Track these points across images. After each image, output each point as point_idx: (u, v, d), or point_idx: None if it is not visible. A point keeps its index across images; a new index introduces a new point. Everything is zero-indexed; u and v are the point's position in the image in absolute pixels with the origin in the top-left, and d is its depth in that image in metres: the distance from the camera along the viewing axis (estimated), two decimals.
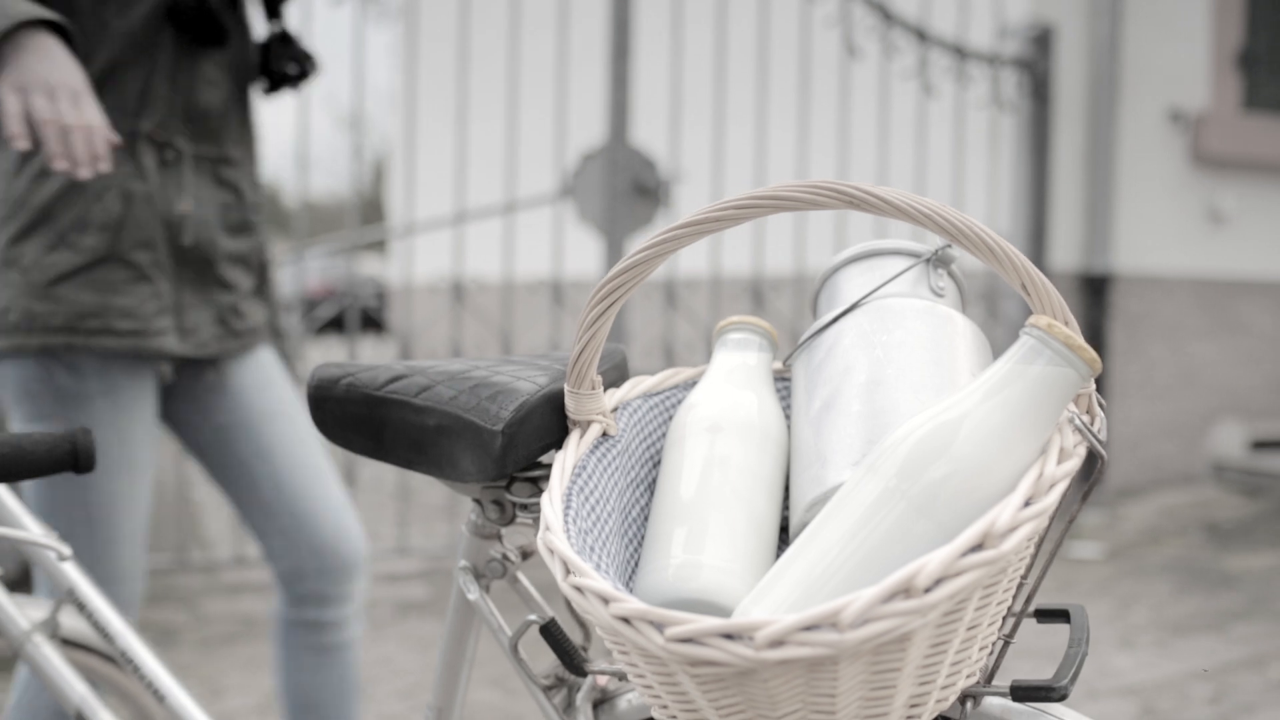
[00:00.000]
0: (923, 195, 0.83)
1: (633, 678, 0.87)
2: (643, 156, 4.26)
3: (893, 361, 1.00)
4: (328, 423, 1.09)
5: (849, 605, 0.73)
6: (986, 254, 0.87)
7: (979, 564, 0.75)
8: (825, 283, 1.16)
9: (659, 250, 0.91)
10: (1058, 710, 0.96)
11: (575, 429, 0.98)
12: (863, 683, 0.79)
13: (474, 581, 1.12)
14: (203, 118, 1.76)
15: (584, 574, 0.80)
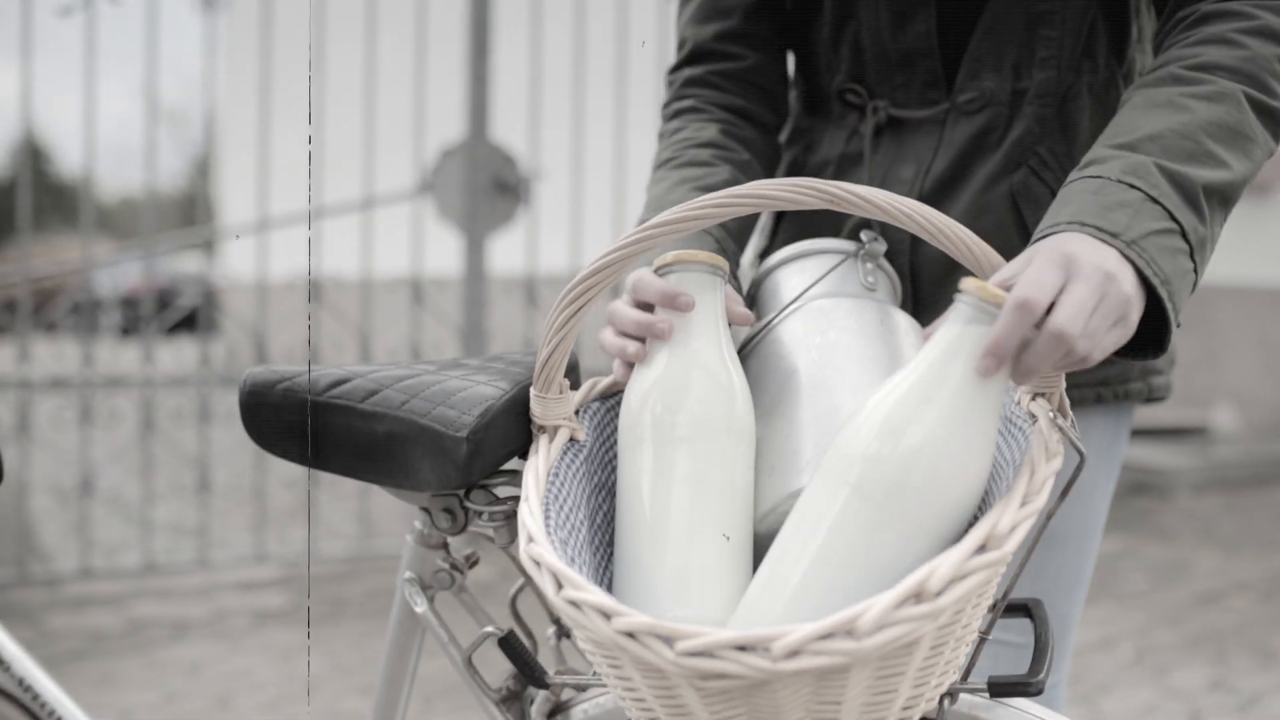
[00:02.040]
0: None
1: (620, 691, 0.84)
2: (503, 153, 4.21)
3: (829, 363, 0.99)
4: (262, 430, 1.04)
5: (865, 612, 0.72)
6: (965, 254, 0.87)
7: (986, 565, 0.75)
8: (759, 287, 1.15)
9: (631, 250, 0.89)
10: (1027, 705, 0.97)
11: (543, 435, 0.95)
12: (867, 688, 0.78)
13: (421, 593, 1.07)
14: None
15: (580, 587, 0.77)
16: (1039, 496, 0.80)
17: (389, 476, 0.99)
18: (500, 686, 1.07)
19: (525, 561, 0.82)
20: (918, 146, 1.24)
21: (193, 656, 3.38)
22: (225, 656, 3.38)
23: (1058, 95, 1.21)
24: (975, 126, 1.21)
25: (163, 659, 3.36)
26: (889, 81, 1.26)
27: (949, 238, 0.86)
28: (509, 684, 1.07)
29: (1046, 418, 0.87)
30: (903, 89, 1.25)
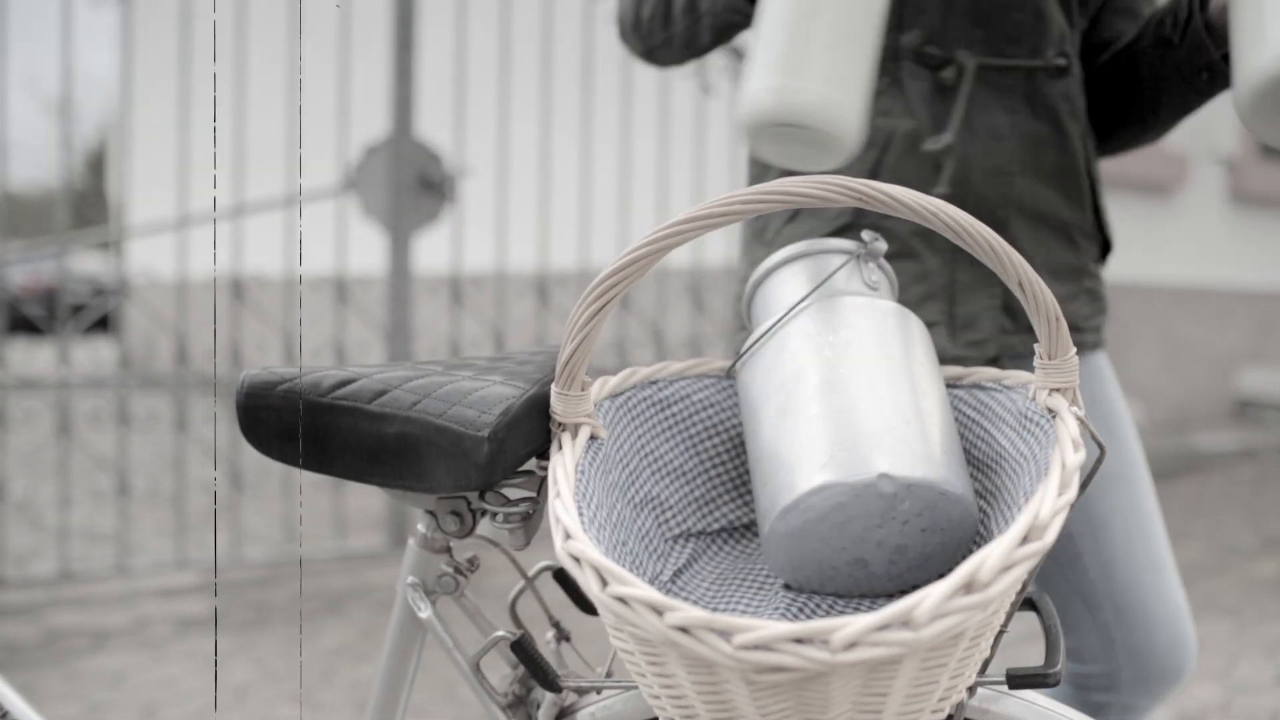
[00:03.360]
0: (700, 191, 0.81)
1: (656, 690, 0.84)
2: (428, 150, 4.17)
3: (844, 361, 1.00)
4: (261, 434, 1.01)
5: (921, 603, 0.72)
6: (987, 253, 0.88)
7: (1031, 555, 0.76)
8: (758, 288, 1.15)
9: (657, 248, 0.89)
10: (1034, 696, 0.99)
11: (565, 432, 0.94)
12: (912, 680, 0.78)
13: (425, 598, 1.05)
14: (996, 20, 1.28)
15: (628, 582, 0.76)
16: (1071, 487, 0.82)
17: (398, 479, 0.97)
18: (505, 691, 1.06)
19: (564, 559, 0.81)
20: (1007, 101, 1.25)
21: (115, 667, 3.29)
22: (149, 666, 3.30)
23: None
24: (1062, 88, 1.25)
25: (83, 670, 3.27)
26: (969, 36, 1.26)
27: (974, 238, 0.87)
28: (514, 688, 1.06)
29: (1069, 412, 0.89)
30: (981, 44, 1.25)
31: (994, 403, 1.03)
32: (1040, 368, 0.93)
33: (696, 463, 1.12)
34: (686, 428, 1.12)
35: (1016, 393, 1.00)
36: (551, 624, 1.11)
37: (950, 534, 0.96)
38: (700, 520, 1.11)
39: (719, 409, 1.14)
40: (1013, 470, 0.96)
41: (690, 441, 1.12)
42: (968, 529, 0.96)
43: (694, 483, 1.12)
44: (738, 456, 1.14)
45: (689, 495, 1.11)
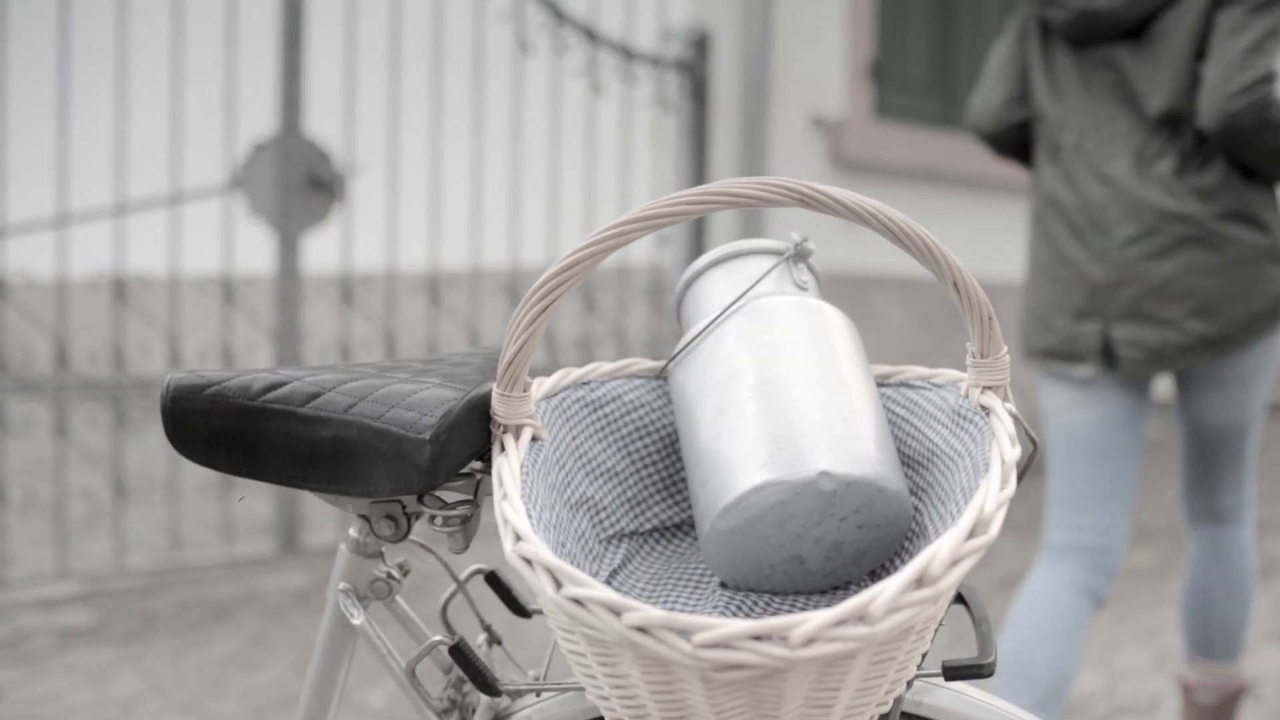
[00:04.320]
0: (592, 191, 0.84)
1: (606, 690, 0.84)
2: (317, 148, 4.10)
3: (779, 360, 1.01)
4: (188, 439, 0.99)
5: (876, 598, 0.74)
6: (924, 253, 0.90)
7: (977, 549, 0.78)
8: (689, 288, 1.16)
9: (601, 248, 0.89)
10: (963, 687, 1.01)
11: (507, 434, 0.93)
12: (863, 674, 0.80)
13: (358, 604, 1.04)
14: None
15: (583, 583, 0.76)
16: (1010, 482, 0.84)
17: (333, 484, 0.95)
18: (440, 696, 1.05)
19: (514, 561, 0.80)
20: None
21: None
22: (29, 680, 3.19)
23: None
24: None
25: None
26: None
27: (911, 239, 0.89)
28: (449, 693, 1.05)
29: (1003, 409, 0.91)
30: None
31: (924, 400, 1.05)
32: (973, 366, 0.96)
33: (629, 463, 1.12)
34: (619, 428, 1.12)
35: (947, 390, 1.02)
36: (483, 628, 1.10)
37: (885, 530, 0.98)
38: (633, 521, 1.12)
39: (650, 409, 1.14)
40: (946, 466, 0.98)
41: (622, 442, 1.12)
42: (902, 525, 0.98)
43: (626, 483, 1.12)
44: (669, 456, 1.15)
45: (622, 496, 1.11)
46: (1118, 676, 3.04)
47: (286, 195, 4.04)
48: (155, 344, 4.53)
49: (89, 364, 4.91)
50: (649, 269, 5.05)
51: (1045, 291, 2.25)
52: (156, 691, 3.08)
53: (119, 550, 4.03)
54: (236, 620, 3.61)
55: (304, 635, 3.43)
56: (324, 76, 4.77)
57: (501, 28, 4.81)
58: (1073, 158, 2.20)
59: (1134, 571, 4.08)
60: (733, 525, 0.96)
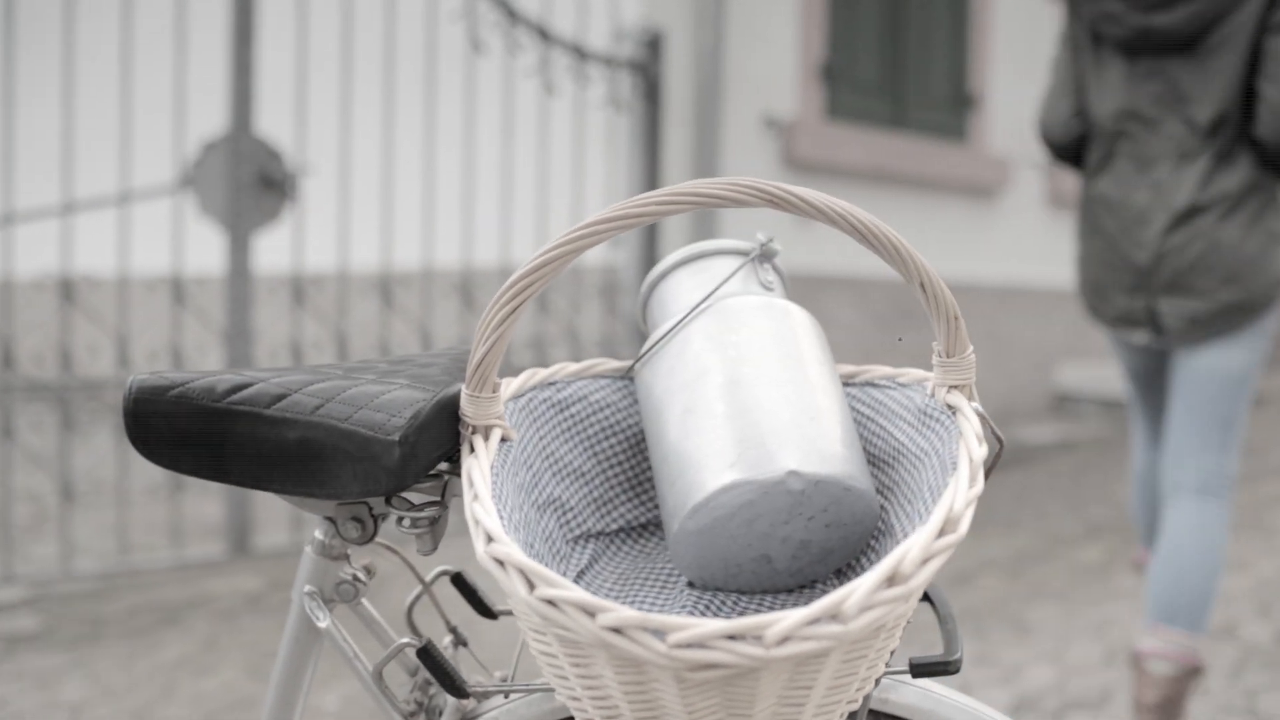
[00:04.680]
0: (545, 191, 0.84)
1: (579, 692, 0.84)
2: (268, 147, 4.07)
3: (746, 360, 1.02)
4: (151, 441, 0.98)
5: (849, 597, 0.74)
6: (891, 254, 0.90)
7: (947, 547, 0.79)
8: (654, 288, 1.16)
9: (570, 249, 0.89)
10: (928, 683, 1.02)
11: (476, 435, 0.93)
12: (835, 672, 0.80)
13: (323, 607, 1.03)
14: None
15: (557, 584, 0.76)
16: (978, 480, 0.85)
17: (300, 486, 0.95)
18: (407, 699, 1.04)
19: (486, 563, 0.80)
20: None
21: None
22: None
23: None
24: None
25: None
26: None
27: (879, 239, 0.89)
28: (415, 696, 1.05)
29: (970, 408, 0.92)
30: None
31: (889, 400, 1.06)
32: (939, 365, 0.97)
33: (595, 463, 1.12)
34: (585, 428, 1.12)
35: (913, 390, 1.03)
36: (448, 629, 1.10)
37: (852, 529, 0.99)
38: (599, 521, 1.12)
39: (615, 409, 1.14)
40: (912, 465, 0.98)
41: (589, 442, 1.12)
42: (869, 524, 0.99)
43: (592, 483, 1.12)
44: (634, 456, 1.15)
45: (588, 496, 1.11)
46: (1069, 671, 3.08)
47: (237, 194, 4.00)
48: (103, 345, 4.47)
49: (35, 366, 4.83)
50: (602, 269, 5.05)
51: (1101, 272, 2.64)
52: (106, 697, 3.04)
53: (66, 554, 3.97)
54: (187, 624, 3.57)
55: (256, 639, 3.40)
56: (275, 74, 4.73)
57: (454, 27, 4.80)
58: (1124, 163, 2.58)
59: (1083, 567, 4.14)
60: (701, 525, 0.96)
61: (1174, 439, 2.56)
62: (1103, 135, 2.61)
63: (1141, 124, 2.54)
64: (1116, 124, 2.57)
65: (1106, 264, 2.62)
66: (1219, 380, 2.52)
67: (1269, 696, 2.87)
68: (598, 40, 5.11)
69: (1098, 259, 2.65)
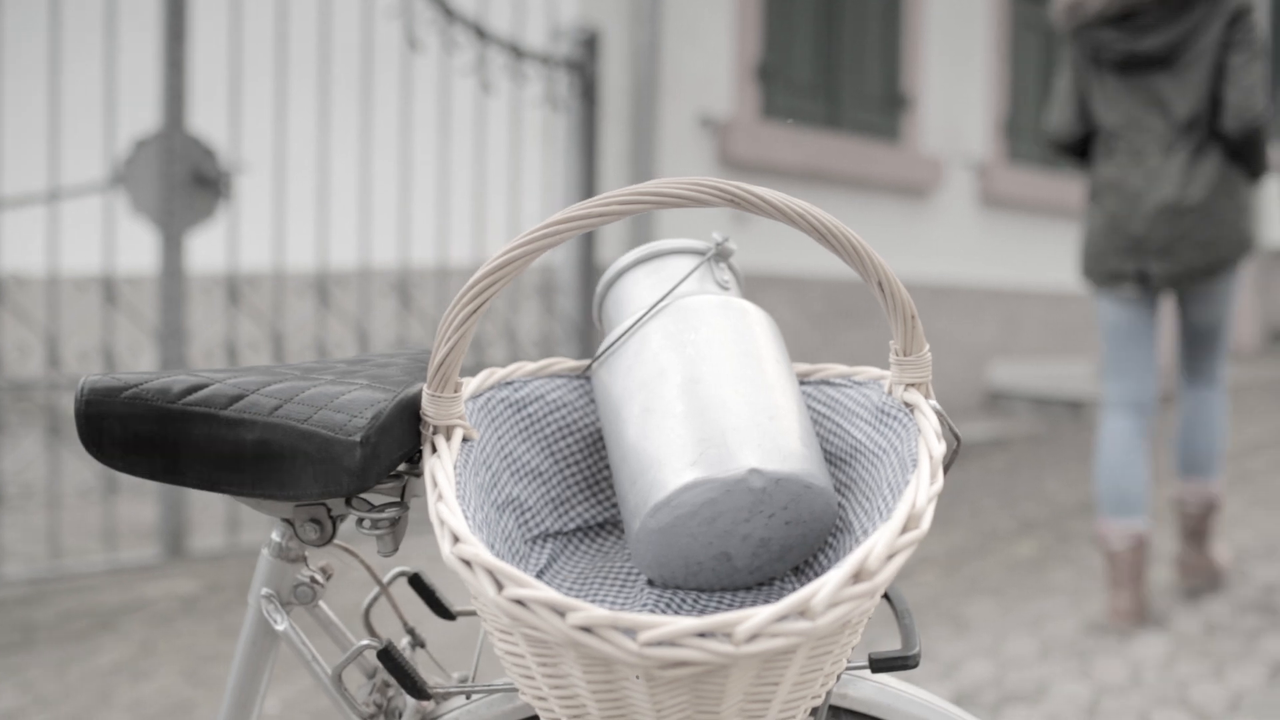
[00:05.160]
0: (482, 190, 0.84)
1: (545, 691, 0.84)
2: (202, 145, 4.01)
3: (705, 358, 1.02)
4: (104, 443, 0.96)
5: (817, 593, 0.75)
6: (850, 253, 0.91)
7: (911, 543, 0.80)
8: (610, 288, 1.16)
9: (532, 248, 0.89)
10: (886, 678, 1.03)
11: (438, 435, 0.93)
12: (801, 668, 0.81)
13: (281, 610, 1.02)
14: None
15: (525, 584, 0.76)
16: (939, 477, 0.86)
17: (258, 487, 0.94)
18: (366, 701, 1.04)
19: (453, 563, 0.80)
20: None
21: None
22: None
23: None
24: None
25: None
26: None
27: (838, 239, 0.90)
28: (374, 698, 1.04)
29: (928, 406, 0.93)
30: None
31: (845, 398, 1.07)
32: (896, 364, 0.98)
33: (552, 463, 1.12)
34: (542, 428, 1.12)
35: (869, 388, 1.04)
36: (406, 631, 1.09)
37: (811, 526, 1.00)
38: (557, 521, 1.12)
39: (572, 409, 1.14)
40: (870, 463, 0.99)
41: (546, 442, 1.12)
42: (827, 521, 1.00)
43: (550, 483, 1.12)
44: (590, 456, 1.15)
45: (546, 496, 1.11)
46: (1006, 665, 3.12)
47: (170, 192, 3.94)
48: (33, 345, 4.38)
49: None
50: (540, 269, 5.04)
51: (1102, 241, 3.42)
52: (39, 705, 2.99)
53: None
54: (121, 629, 3.51)
55: (193, 642, 3.35)
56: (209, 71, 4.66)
57: (390, 24, 4.76)
58: (1124, 154, 3.38)
59: (1017, 562, 4.20)
60: (663, 523, 0.96)
61: (1183, 354, 3.58)
62: (1105, 134, 3.42)
63: (1134, 124, 3.35)
64: (1115, 125, 3.39)
65: (1107, 233, 3.40)
66: (1211, 314, 3.45)
67: (1200, 687, 2.93)
68: (534, 39, 5.09)
69: (1100, 230, 3.43)
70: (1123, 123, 3.37)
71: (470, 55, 4.75)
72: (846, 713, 1.02)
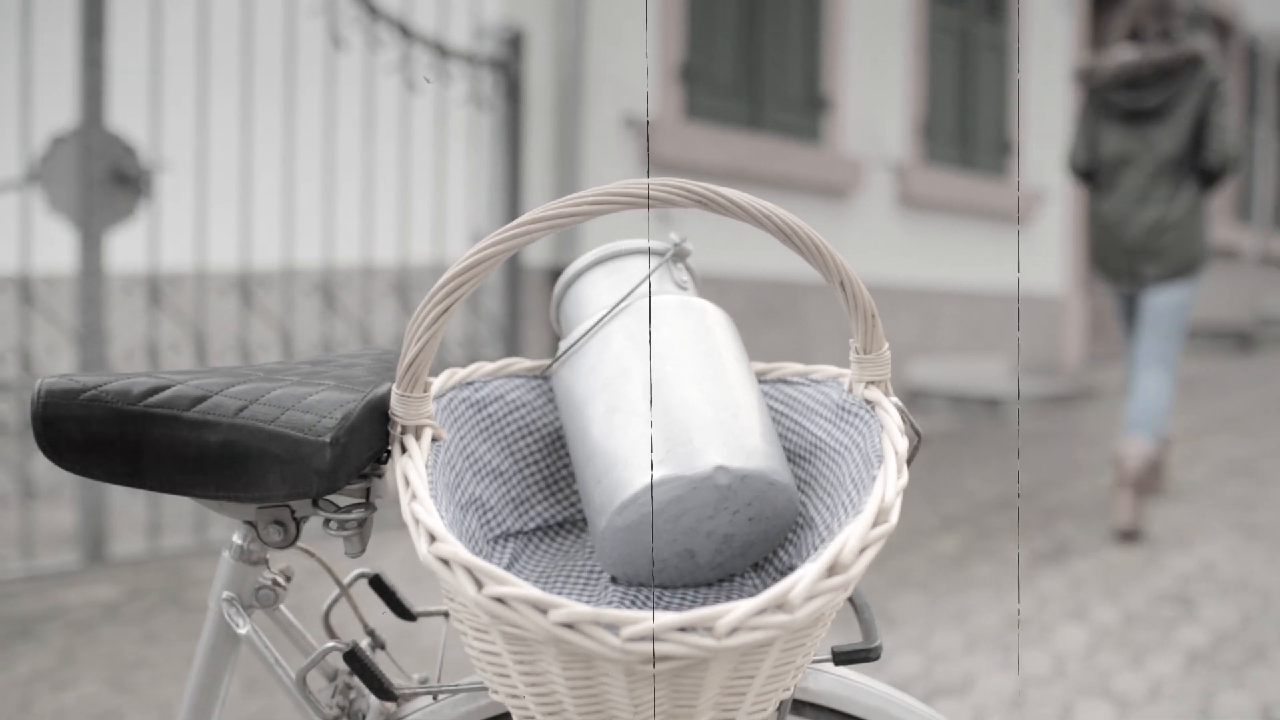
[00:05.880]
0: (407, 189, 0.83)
1: (520, 689, 0.84)
2: (122, 142, 3.93)
3: (668, 358, 1.03)
4: (61, 446, 0.95)
5: (794, 587, 0.76)
6: (813, 254, 0.93)
7: (881, 536, 0.82)
8: (569, 288, 1.17)
9: (502, 248, 0.89)
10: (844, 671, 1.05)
11: (407, 435, 0.93)
12: (775, 662, 0.82)
13: (243, 613, 1.01)
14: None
15: (506, 582, 0.77)
16: (904, 472, 0.88)
17: (222, 489, 0.93)
18: (329, 704, 1.03)
19: (430, 563, 0.80)
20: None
21: None
22: None
23: None
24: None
25: None
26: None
27: (802, 240, 0.92)
28: (337, 700, 1.03)
29: (889, 403, 0.95)
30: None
31: (802, 396, 1.09)
32: (856, 362, 1.00)
33: (512, 463, 1.13)
34: (502, 428, 1.12)
35: (827, 386, 1.06)
36: (366, 632, 1.09)
37: (773, 522, 1.01)
38: (518, 520, 1.12)
39: (530, 409, 1.15)
40: (831, 459, 1.01)
41: (506, 442, 1.12)
42: (789, 517, 1.02)
43: (510, 483, 1.12)
44: (549, 455, 1.15)
45: (507, 496, 1.11)
46: (934, 659, 3.18)
47: (89, 191, 3.86)
48: None
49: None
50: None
51: (1105, 248, 4.66)
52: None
53: None
54: (41, 637, 3.44)
55: (115, 650, 3.29)
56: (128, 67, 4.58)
57: (313, 22, 4.71)
58: (1121, 184, 4.59)
59: (941, 558, 4.27)
60: (629, 521, 0.97)
61: (1144, 343, 4.58)
62: (1108, 167, 4.64)
63: (1131, 160, 4.57)
64: (1116, 160, 4.61)
65: (1108, 242, 4.64)
66: (1170, 309, 4.55)
67: (1121, 676, 3.01)
68: (459, 37, 5.07)
69: (1104, 239, 4.66)
70: (1122, 158, 4.58)
71: (395, 54, 4.72)
72: (807, 706, 1.03)
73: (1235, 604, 3.63)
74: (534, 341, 5.27)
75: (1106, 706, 2.81)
